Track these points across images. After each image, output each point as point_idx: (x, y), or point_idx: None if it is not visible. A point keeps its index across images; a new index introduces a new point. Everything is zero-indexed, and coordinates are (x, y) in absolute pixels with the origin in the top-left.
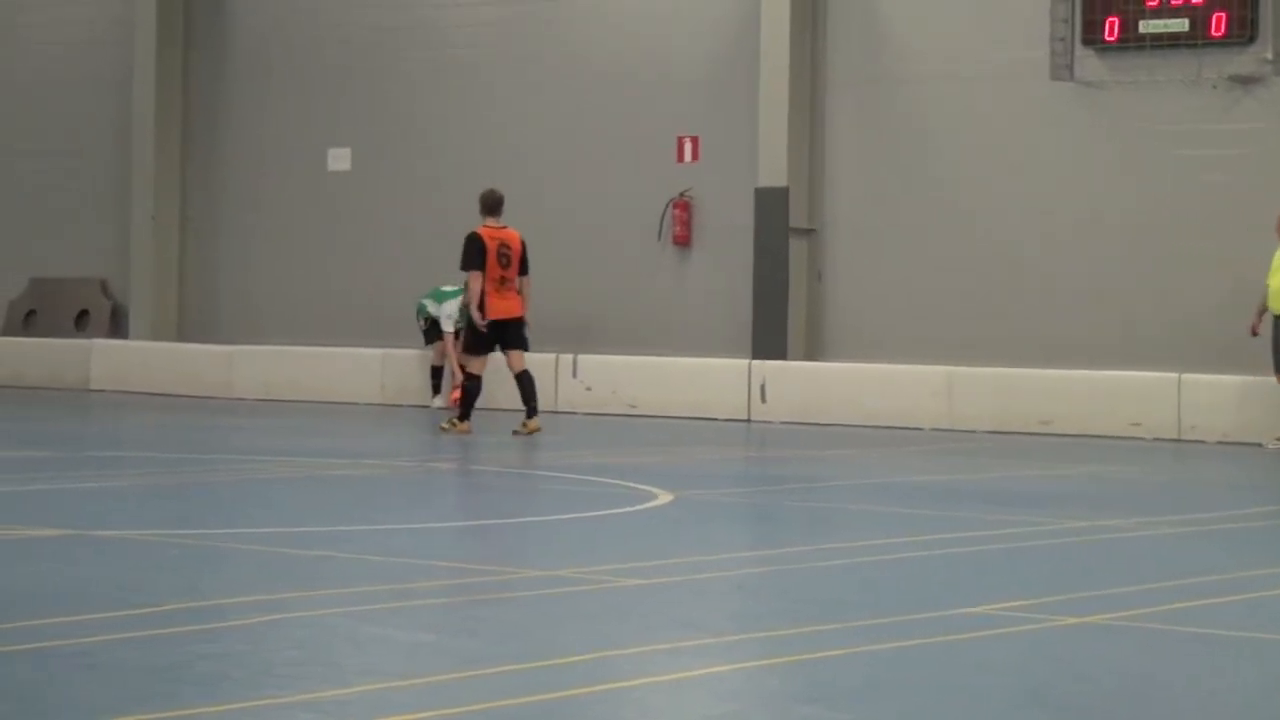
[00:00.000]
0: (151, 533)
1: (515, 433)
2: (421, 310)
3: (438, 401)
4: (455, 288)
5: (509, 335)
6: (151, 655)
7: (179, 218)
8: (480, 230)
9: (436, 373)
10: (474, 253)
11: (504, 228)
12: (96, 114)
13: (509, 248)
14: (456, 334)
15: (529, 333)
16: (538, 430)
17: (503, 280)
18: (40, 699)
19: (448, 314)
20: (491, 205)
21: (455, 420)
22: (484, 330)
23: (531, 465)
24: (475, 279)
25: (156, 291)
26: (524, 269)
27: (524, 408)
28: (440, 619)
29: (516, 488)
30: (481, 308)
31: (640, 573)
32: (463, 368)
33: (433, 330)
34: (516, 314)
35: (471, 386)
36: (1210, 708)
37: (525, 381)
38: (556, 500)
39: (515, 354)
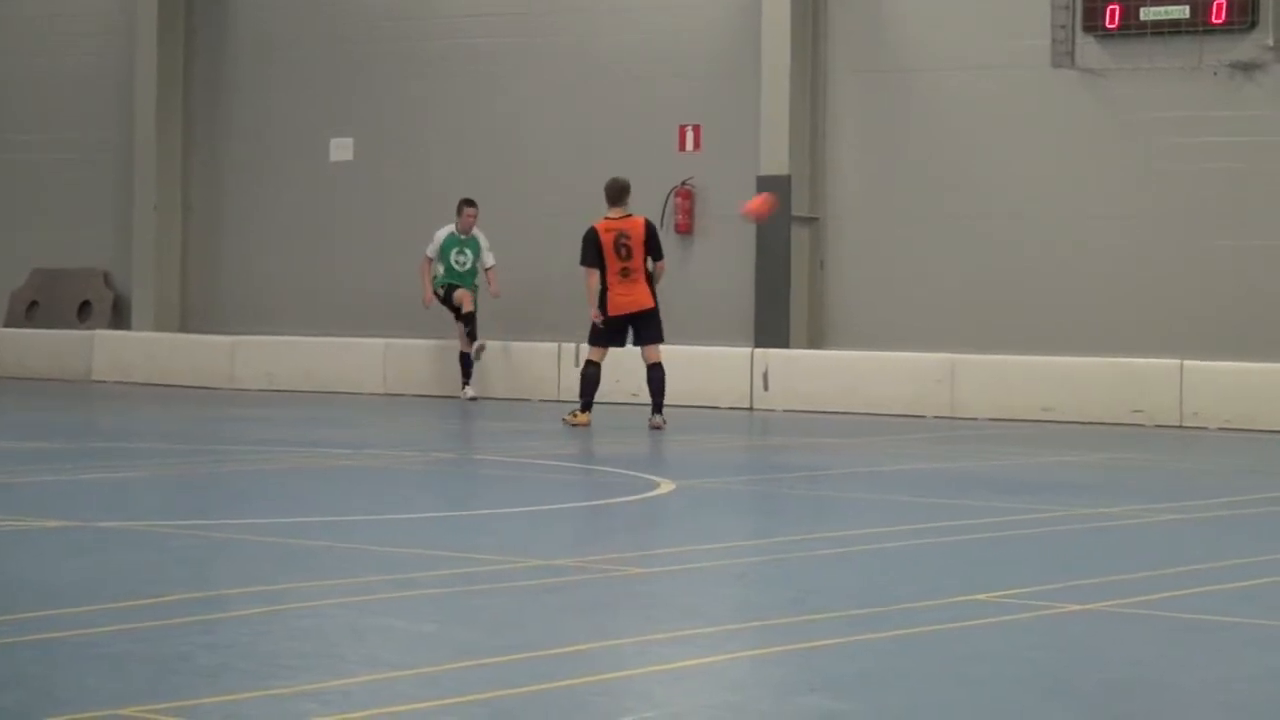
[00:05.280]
0: (155, 524)
1: (654, 427)
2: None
3: (469, 392)
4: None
5: (639, 328)
6: (156, 646)
7: (181, 208)
8: (597, 224)
9: (465, 359)
10: (586, 250)
11: (626, 217)
12: (97, 104)
13: (628, 237)
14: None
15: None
16: (658, 428)
17: (625, 271)
18: (46, 689)
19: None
20: (612, 195)
21: (576, 412)
22: (600, 325)
23: (534, 455)
24: (590, 276)
25: (159, 282)
26: (655, 254)
27: (650, 401)
28: (442, 609)
29: (518, 477)
30: (602, 305)
31: (642, 562)
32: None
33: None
34: (644, 306)
35: (588, 373)
36: (1215, 695)
37: (653, 376)
38: (558, 490)
39: (648, 348)
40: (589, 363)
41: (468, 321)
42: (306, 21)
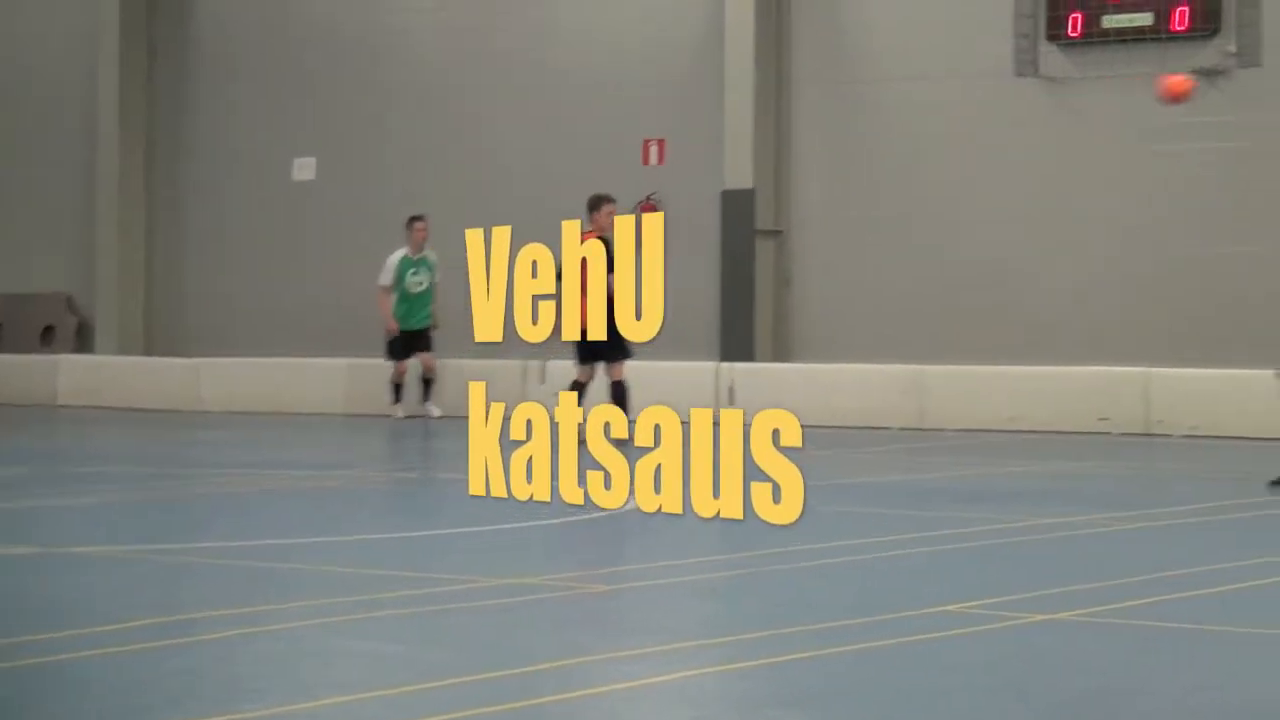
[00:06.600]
0: (120, 549)
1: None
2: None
3: (434, 410)
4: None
5: (596, 344)
6: (122, 671)
7: (144, 230)
8: None
9: (396, 389)
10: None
11: (586, 234)
12: (60, 128)
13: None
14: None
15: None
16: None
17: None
18: (13, 714)
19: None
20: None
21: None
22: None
23: None
24: None
25: (122, 305)
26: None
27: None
28: (408, 630)
29: (482, 495)
30: None
31: (608, 578)
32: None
33: (395, 344)
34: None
35: (573, 389)
36: (1182, 703)
37: (612, 393)
38: (523, 507)
39: (608, 365)
40: (574, 382)
41: (427, 385)
42: (268, 43)
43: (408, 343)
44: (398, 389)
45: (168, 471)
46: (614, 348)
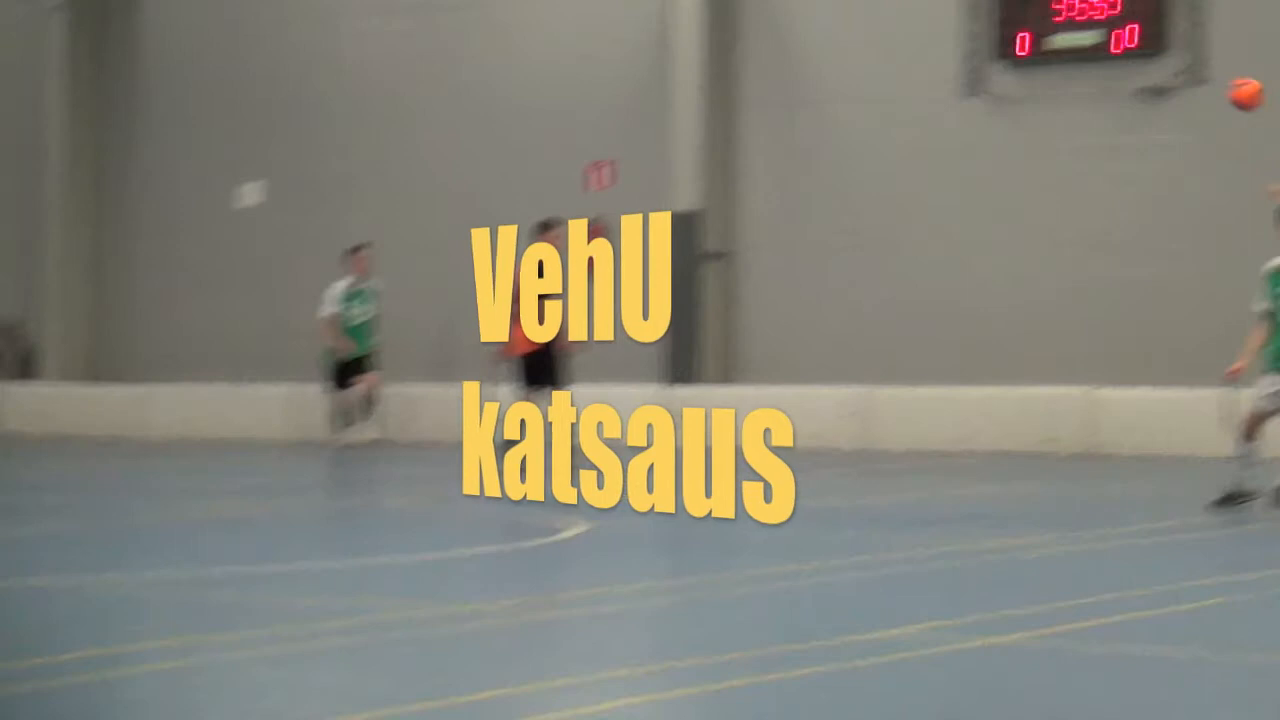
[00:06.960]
0: (61, 579)
1: None
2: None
3: (372, 433)
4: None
5: (540, 367)
6: (62, 704)
7: (90, 257)
8: None
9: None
10: None
11: None
12: (5, 151)
13: None
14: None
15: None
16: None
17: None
18: None
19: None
20: None
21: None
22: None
23: (445, 499)
24: None
25: (67, 332)
26: None
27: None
28: (350, 659)
29: (429, 521)
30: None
31: (553, 605)
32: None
33: (338, 373)
34: (525, 349)
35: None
36: None
37: None
38: (469, 533)
39: (555, 392)
40: None
41: (367, 405)
42: (218, 69)
43: (350, 371)
44: (342, 415)
45: (109, 501)
46: (558, 373)
